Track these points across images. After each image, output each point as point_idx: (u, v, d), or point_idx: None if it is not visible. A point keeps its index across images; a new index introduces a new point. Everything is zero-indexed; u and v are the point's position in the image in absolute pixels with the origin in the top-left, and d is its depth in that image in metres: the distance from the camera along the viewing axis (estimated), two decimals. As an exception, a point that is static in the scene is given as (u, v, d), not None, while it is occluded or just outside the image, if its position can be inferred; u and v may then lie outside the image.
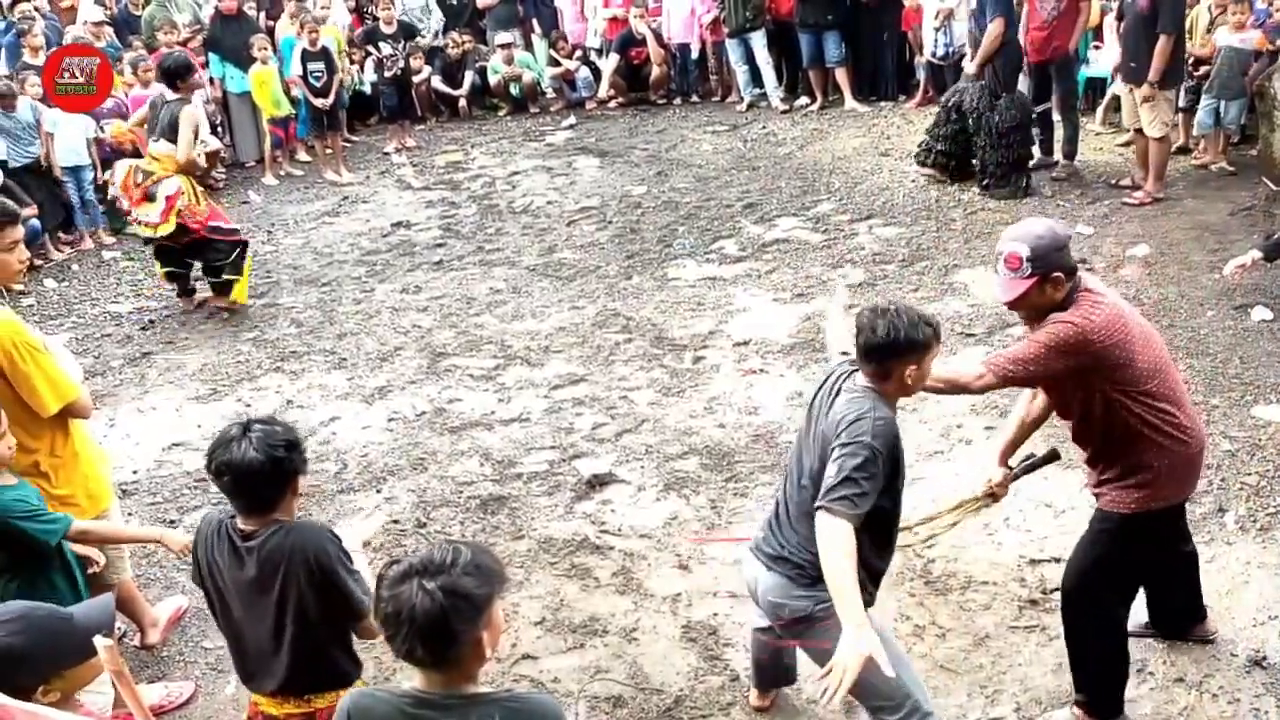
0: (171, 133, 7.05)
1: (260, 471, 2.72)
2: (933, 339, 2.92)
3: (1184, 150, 8.84)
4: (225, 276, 7.44)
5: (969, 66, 8.39)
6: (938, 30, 10.22)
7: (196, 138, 7.10)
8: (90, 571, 3.62)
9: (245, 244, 7.53)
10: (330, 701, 2.82)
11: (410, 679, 2.19)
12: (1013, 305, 3.18)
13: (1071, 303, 3.13)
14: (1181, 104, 8.73)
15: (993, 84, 8.19)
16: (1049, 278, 3.09)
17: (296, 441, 2.81)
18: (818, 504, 2.82)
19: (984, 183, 8.37)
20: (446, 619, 1.98)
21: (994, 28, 8.06)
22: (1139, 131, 7.98)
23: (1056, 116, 8.75)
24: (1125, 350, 3.11)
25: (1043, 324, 3.13)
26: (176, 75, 7.18)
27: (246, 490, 2.77)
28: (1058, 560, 4.30)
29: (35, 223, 8.27)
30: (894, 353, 2.88)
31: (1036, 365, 3.13)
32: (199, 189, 7.33)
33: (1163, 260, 6.97)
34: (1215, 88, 8.29)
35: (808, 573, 3.00)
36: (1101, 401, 3.17)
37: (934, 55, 10.40)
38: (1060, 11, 8.17)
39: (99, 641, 2.25)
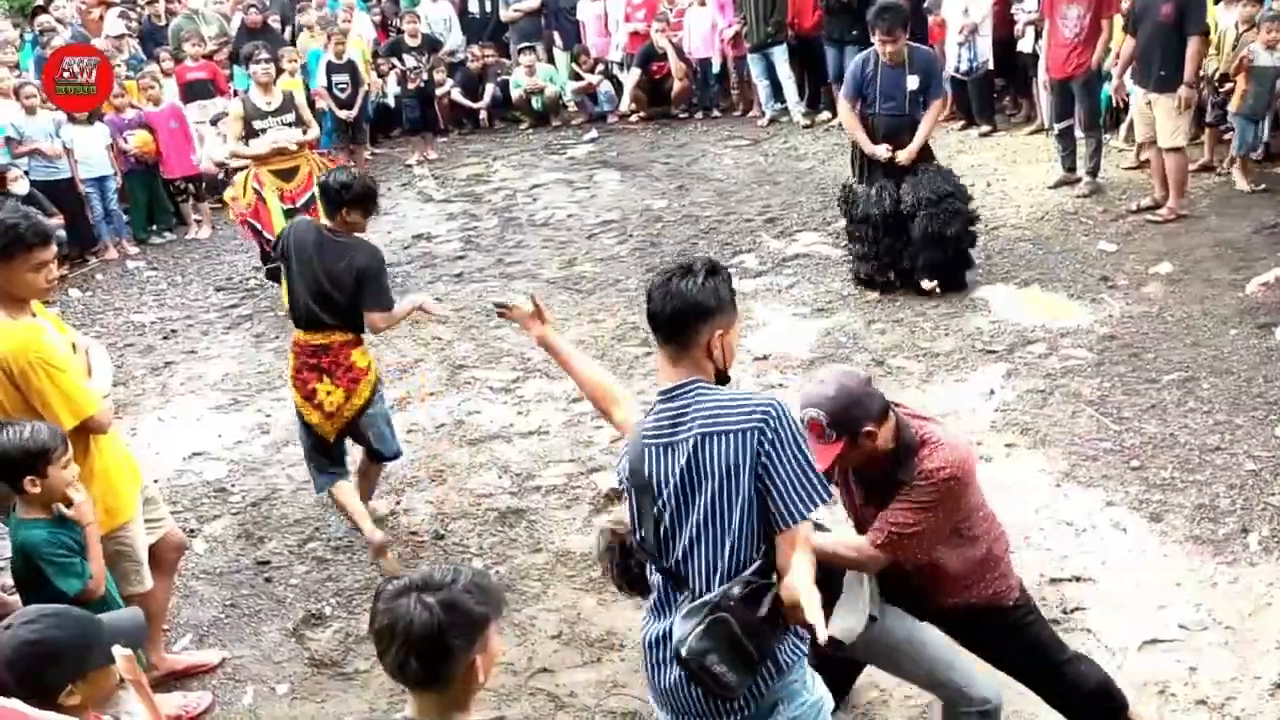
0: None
1: (337, 187, 4.58)
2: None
3: (1208, 168, 8.77)
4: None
5: (901, 156, 6.74)
6: (961, 45, 10.20)
7: (252, 131, 7.56)
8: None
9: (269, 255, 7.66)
10: (342, 339, 4.66)
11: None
12: (829, 471, 2.84)
13: (912, 441, 2.92)
14: (1208, 119, 8.67)
15: (933, 169, 6.91)
16: (858, 435, 2.84)
17: (354, 181, 4.61)
18: None
19: (926, 279, 6.99)
20: (443, 633, 1.98)
21: (939, 107, 6.93)
22: (1153, 145, 7.93)
23: (1079, 134, 8.70)
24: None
25: (911, 485, 2.90)
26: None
27: (329, 200, 4.62)
28: (1078, 579, 4.28)
29: (61, 233, 8.35)
30: None
31: (925, 530, 2.93)
32: (261, 184, 7.53)
33: (1186, 278, 6.92)
34: (1249, 105, 8.20)
35: None
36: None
37: (957, 70, 10.37)
38: (1084, 29, 8.14)
39: (117, 651, 2.27)
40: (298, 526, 5.17)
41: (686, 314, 2.46)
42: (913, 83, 6.70)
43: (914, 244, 6.86)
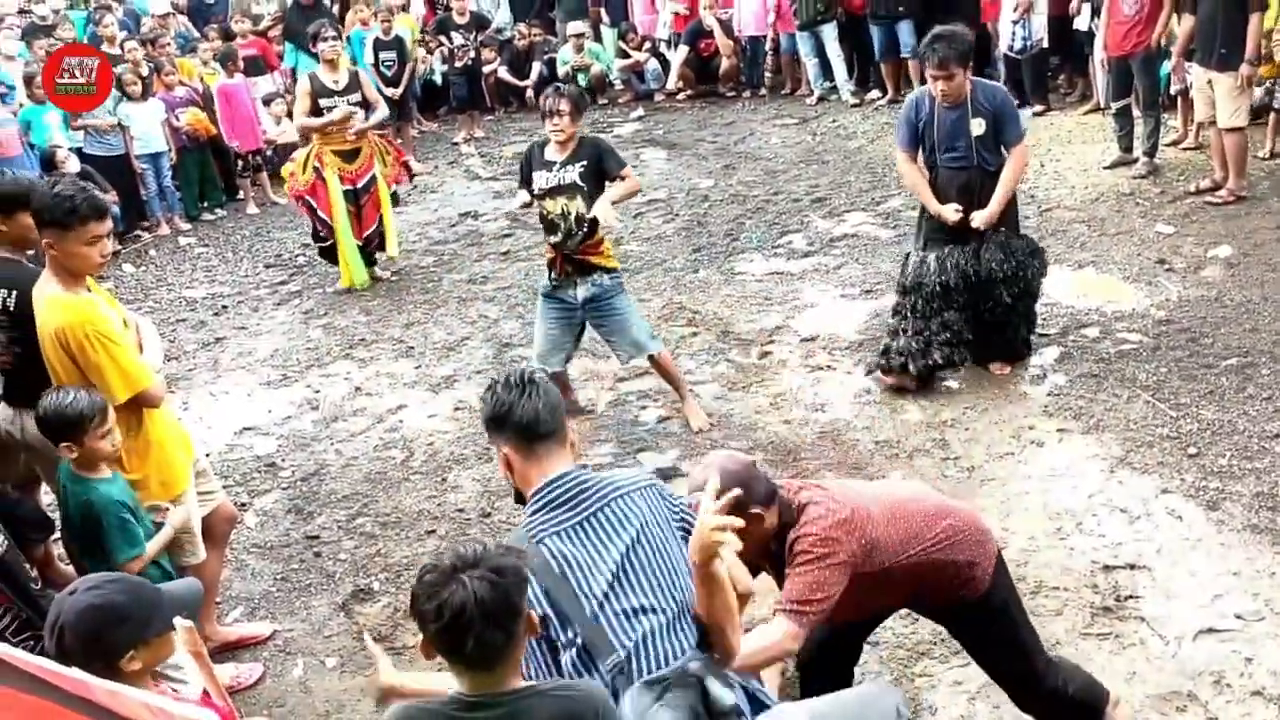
0: None
1: None
2: None
3: (1276, 156, 8.54)
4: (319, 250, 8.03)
5: (977, 220, 5.40)
6: (1016, 23, 10.02)
7: (318, 109, 7.49)
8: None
9: (327, 235, 7.68)
10: None
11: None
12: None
13: (791, 518, 2.87)
14: (1258, 103, 8.44)
15: (1002, 237, 5.54)
16: (745, 515, 2.66)
17: None
18: None
19: (997, 365, 5.77)
20: (509, 595, 2.00)
21: (1020, 157, 5.48)
22: (1213, 125, 7.76)
23: (1137, 112, 8.53)
24: (876, 529, 2.91)
25: (793, 553, 2.83)
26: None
27: None
28: (1132, 567, 4.21)
29: (115, 209, 8.47)
30: None
31: (828, 589, 2.81)
32: (322, 164, 7.52)
33: (1246, 261, 6.77)
34: None
35: None
36: (901, 572, 2.96)
37: (1011, 49, 10.21)
38: (1144, 5, 7.97)
39: (179, 622, 2.30)
40: (346, 502, 5.22)
41: (558, 408, 2.56)
42: (977, 126, 5.38)
43: (976, 324, 5.68)
